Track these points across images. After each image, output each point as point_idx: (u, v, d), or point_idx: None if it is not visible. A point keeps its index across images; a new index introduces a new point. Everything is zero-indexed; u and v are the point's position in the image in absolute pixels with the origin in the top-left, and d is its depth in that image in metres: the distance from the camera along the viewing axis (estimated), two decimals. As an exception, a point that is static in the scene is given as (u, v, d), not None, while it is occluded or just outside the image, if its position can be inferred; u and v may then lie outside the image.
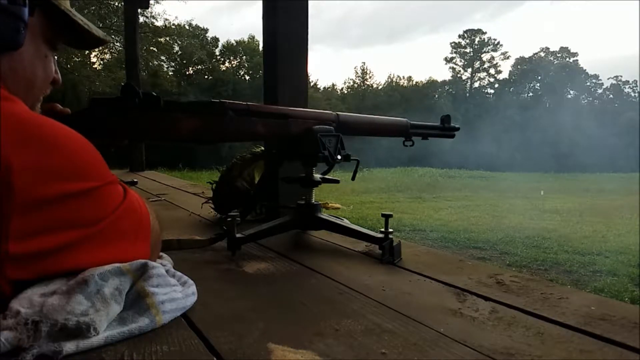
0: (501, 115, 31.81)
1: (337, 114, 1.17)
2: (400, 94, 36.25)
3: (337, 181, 1.19)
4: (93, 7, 16.38)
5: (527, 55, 39.83)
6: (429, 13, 71.53)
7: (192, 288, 0.74)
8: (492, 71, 39.90)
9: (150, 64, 20.65)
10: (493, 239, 5.43)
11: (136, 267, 0.66)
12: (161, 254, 0.83)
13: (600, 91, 39.12)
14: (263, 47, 1.58)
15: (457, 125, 1.37)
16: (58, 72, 0.73)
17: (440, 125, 1.35)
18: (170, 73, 24.00)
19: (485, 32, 41.06)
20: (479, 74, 40.17)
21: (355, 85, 39.37)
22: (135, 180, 2.95)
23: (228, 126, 0.98)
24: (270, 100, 1.51)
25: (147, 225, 0.70)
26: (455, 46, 41.14)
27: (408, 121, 1.29)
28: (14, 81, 0.63)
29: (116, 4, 16.15)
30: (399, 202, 9.40)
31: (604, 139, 25.76)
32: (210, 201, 1.64)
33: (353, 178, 1.21)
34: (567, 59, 38.54)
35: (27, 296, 0.57)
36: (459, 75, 40.79)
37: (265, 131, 1.04)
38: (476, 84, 40.17)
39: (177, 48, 23.92)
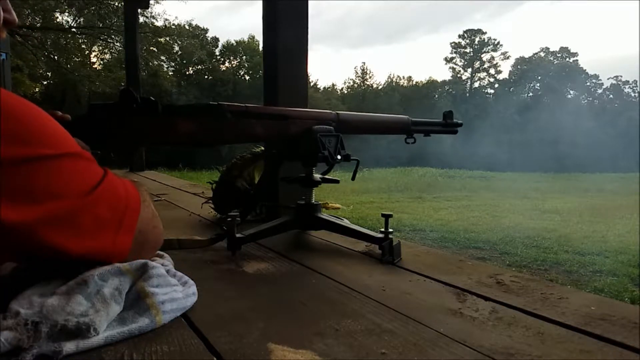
0: (501, 115, 31.83)
1: (337, 114, 1.17)
2: (400, 94, 36.27)
3: (337, 181, 1.19)
4: (93, 7, 16.39)
5: (527, 55, 39.87)
6: (429, 13, 71.60)
7: (193, 288, 0.74)
8: (492, 71, 39.91)
9: (150, 64, 20.64)
10: (493, 239, 5.42)
11: (136, 267, 0.66)
12: (163, 253, 0.83)
13: (600, 91, 39.15)
14: (263, 47, 1.58)
15: (459, 121, 1.36)
16: (10, 10, 0.63)
17: (443, 122, 1.34)
18: (170, 73, 24.01)
19: (485, 32, 41.06)
20: (479, 74, 40.17)
21: (355, 85, 39.42)
22: (135, 180, 2.94)
23: (227, 129, 0.98)
24: (270, 101, 1.51)
25: (134, 215, 0.64)
26: (455, 46, 41.14)
27: (409, 118, 1.29)
28: None
29: (116, 4, 16.14)
30: (399, 202, 9.40)
31: (604, 139, 25.76)
32: (210, 201, 1.64)
33: (353, 178, 1.21)
34: (567, 59, 38.53)
35: (26, 296, 0.58)
36: (459, 75, 40.80)
37: (265, 132, 1.04)
38: (476, 84, 40.17)
39: (177, 48, 23.93)
